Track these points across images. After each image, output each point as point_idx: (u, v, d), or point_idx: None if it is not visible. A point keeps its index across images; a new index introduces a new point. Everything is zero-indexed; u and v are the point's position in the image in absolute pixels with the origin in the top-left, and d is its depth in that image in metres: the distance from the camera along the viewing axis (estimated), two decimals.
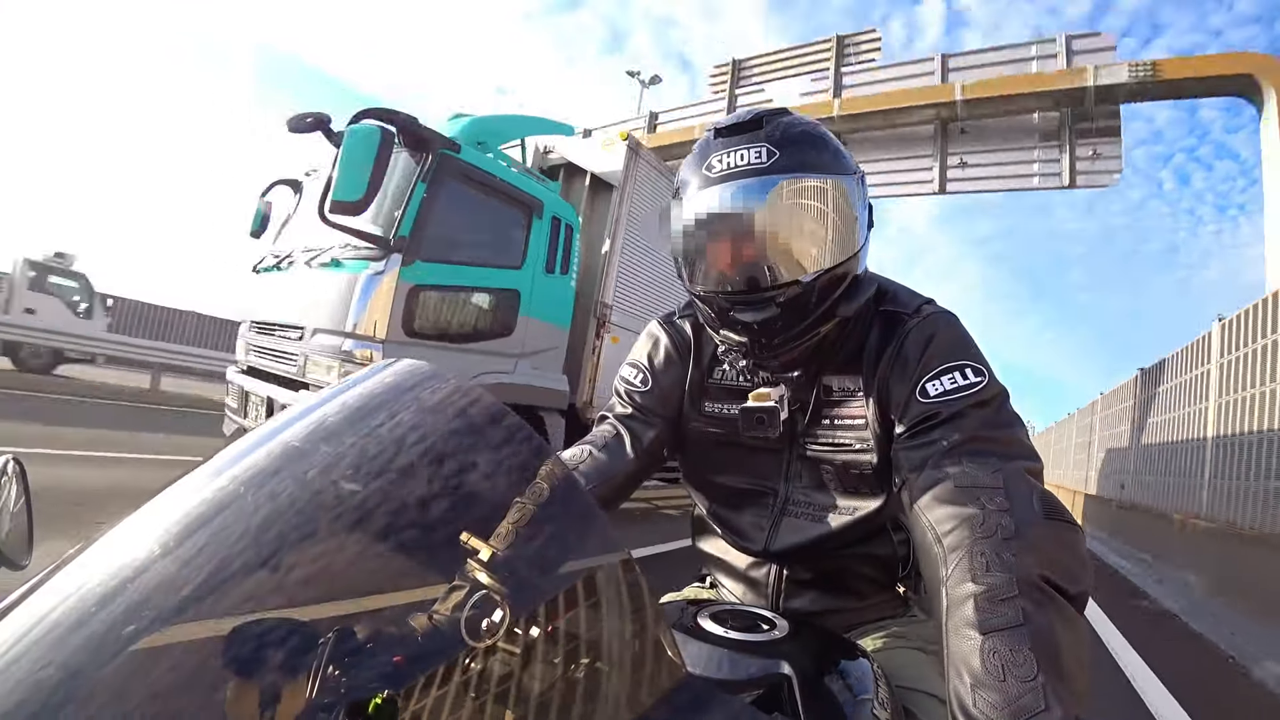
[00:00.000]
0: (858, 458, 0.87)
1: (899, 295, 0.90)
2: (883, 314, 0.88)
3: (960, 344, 0.82)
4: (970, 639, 0.56)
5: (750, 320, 0.81)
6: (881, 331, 0.87)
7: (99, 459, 5.30)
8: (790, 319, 0.81)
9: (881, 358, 0.85)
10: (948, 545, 0.65)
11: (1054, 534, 0.64)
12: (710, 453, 0.99)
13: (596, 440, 0.97)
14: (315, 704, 0.40)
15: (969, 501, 0.67)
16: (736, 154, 0.78)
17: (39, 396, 8.54)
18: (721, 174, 0.79)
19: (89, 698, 0.36)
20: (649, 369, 1.02)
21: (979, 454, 0.71)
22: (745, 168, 0.78)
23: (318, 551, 0.47)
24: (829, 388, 0.89)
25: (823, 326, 0.84)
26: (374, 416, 0.55)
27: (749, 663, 0.63)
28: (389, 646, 0.49)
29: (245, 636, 0.40)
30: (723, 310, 0.83)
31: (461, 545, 0.53)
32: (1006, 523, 0.63)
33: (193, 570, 0.42)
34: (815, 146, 0.80)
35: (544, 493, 0.61)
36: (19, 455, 0.78)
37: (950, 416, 0.76)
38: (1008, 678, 0.52)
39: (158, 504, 0.50)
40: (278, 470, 0.51)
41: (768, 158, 0.77)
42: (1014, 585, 0.58)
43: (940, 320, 0.85)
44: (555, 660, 0.49)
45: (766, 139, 0.78)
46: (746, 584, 0.99)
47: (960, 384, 0.77)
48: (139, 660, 0.38)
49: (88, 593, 0.41)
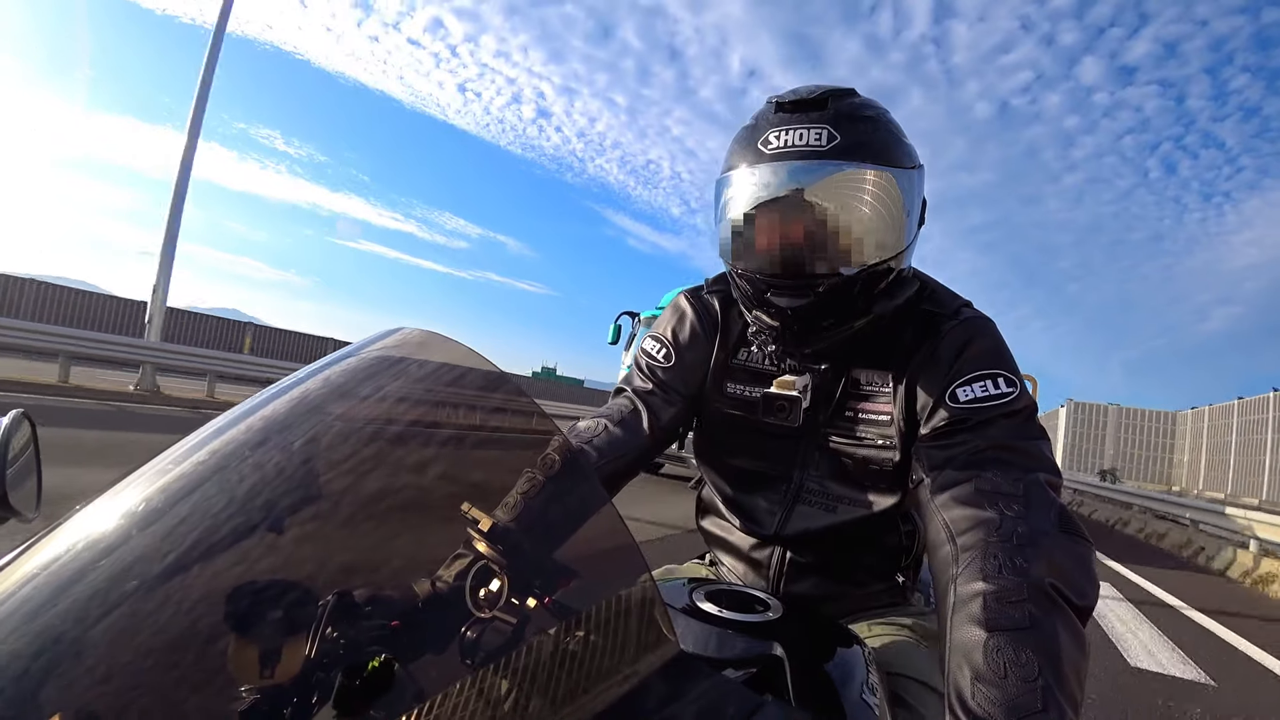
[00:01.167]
0: (879, 454, 0.85)
1: (938, 295, 0.88)
2: (919, 312, 0.86)
3: (995, 352, 0.80)
4: (975, 635, 0.56)
5: (786, 305, 0.79)
6: (916, 330, 0.85)
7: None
8: (827, 310, 0.79)
9: (914, 356, 0.83)
10: (961, 544, 0.65)
11: (1067, 547, 0.64)
12: (728, 434, 0.97)
13: (613, 414, 0.94)
14: (313, 663, 0.41)
15: (988, 505, 0.67)
16: (795, 133, 0.75)
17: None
18: (776, 151, 0.76)
19: (92, 647, 0.37)
20: (673, 343, 0.99)
21: (1002, 463, 0.71)
22: (803, 148, 0.74)
23: (319, 515, 0.47)
24: (857, 380, 0.88)
25: (858, 321, 0.82)
26: (377, 382, 0.55)
27: (742, 643, 0.64)
28: (388, 611, 0.49)
29: (246, 595, 0.41)
30: (759, 291, 0.81)
31: (464, 515, 0.54)
32: (1022, 530, 0.63)
33: (196, 527, 0.43)
34: (879, 134, 0.77)
35: (554, 464, 0.61)
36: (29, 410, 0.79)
37: (978, 424, 0.75)
38: (1009, 676, 0.52)
39: (166, 460, 0.50)
40: (285, 429, 0.51)
41: (828, 141, 0.74)
42: (1024, 589, 0.58)
43: (977, 325, 0.83)
44: (550, 631, 0.49)
45: (828, 120, 0.75)
46: (749, 565, 0.99)
47: (992, 393, 0.76)
48: (142, 613, 0.39)
49: (93, 547, 0.42)
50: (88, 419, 7.07)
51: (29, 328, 10.13)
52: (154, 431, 6.75)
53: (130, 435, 6.48)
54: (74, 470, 3.37)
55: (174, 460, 0.49)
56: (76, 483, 1.65)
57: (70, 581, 0.40)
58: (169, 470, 0.48)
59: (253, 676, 0.38)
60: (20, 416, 0.77)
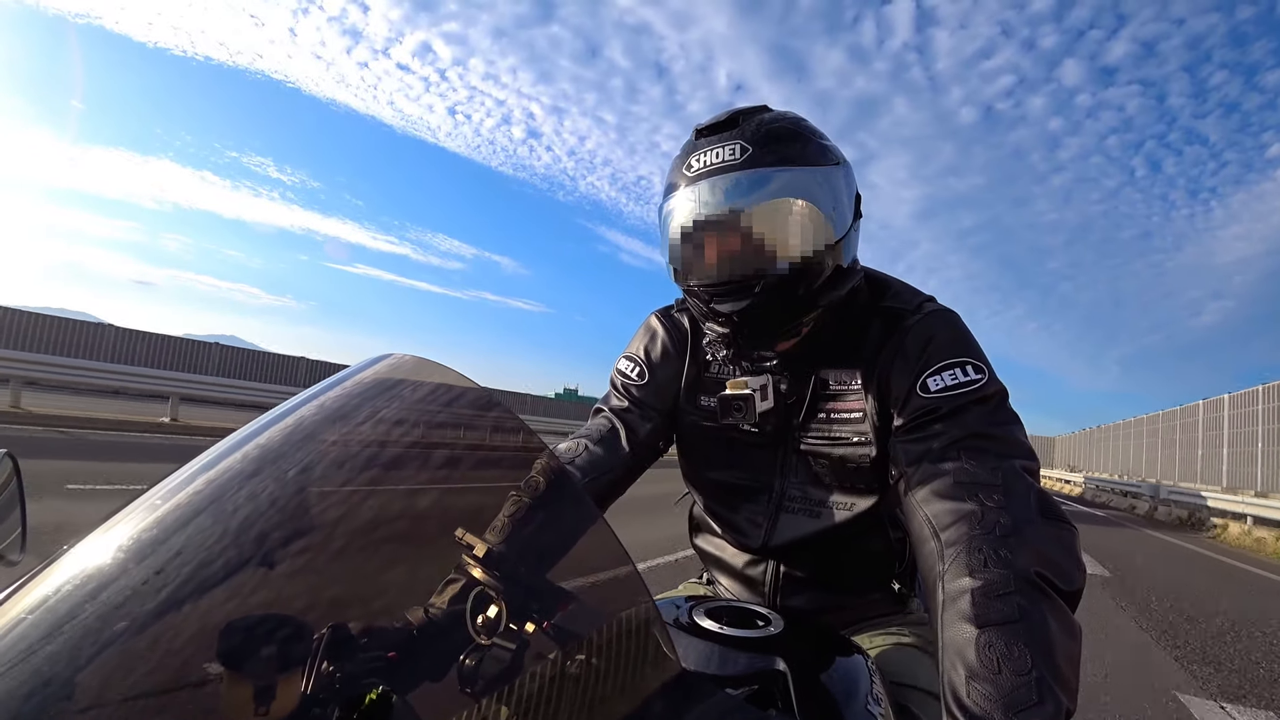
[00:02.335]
0: (855, 450, 0.86)
1: (900, 292, 0.90)
2: (883, 309, 0.88)
3: (961, 341, 0.83)
4: (966, 632, 0.56)
5: (729, 310, 0.82)
6: (882, 327, 0.87)
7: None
8: (770, 309, 0.81)
9: (881, 352, 0.85)
10: (945, 540, 0.66)
11: (1050, 533, 0.65)
12: (706, 448, 0.99)
13: (592, 434, 0.97)
14: (310, 699, 0.40)
15: (968, 497, 0.67)
16: (712, 152, 0.80)
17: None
18: (698, 173, 0.80)
19: (85, 688, 0.36)
20: (645, 362, 1.02)
21: (978, 451, 0.72)
22: (719, 165, 0.79)
23: (313, 546, 0.47)
24: (825, 381, 0.89)
25: (805, 315, 0.84)
26: (367, 408, 0.55)
27: (744, 659, 0.63)
28: (385, 642, 0.49)
29: (239, 631, 0.40)
30: (705, 301, 0.84)
31: (457, 540, 0.53)
32: (1004, 520, 0.64)
33: (186, 564, 0.42)
34: (792, 140, 0.81)
35: (539, 486, 0.61)
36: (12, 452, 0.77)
37: (950, 412, 0.76)
38: (1003, 670, 0.52)
39: (159, 493, 0.49)
40: (273, 462, 0.50)
41: (741, 154, 0.78)
42: (1011, 581, 0.58)
43: (941, 317, 0.85)
44: (551, 656, 0.49)
45: (740, 136, 0.80)
46: (743, 581, 0.99)
47: (961, 380, 0.77)
48: (135, 651, 0.38)
49: (85, 584, 0.41)
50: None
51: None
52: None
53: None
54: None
55: (168, 493, 0.48)
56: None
57: (63, 620, 0.39)
58: (161, 504, 0.47)
59: (248, 714, 0.37)
60: (4, 458, 0.76)
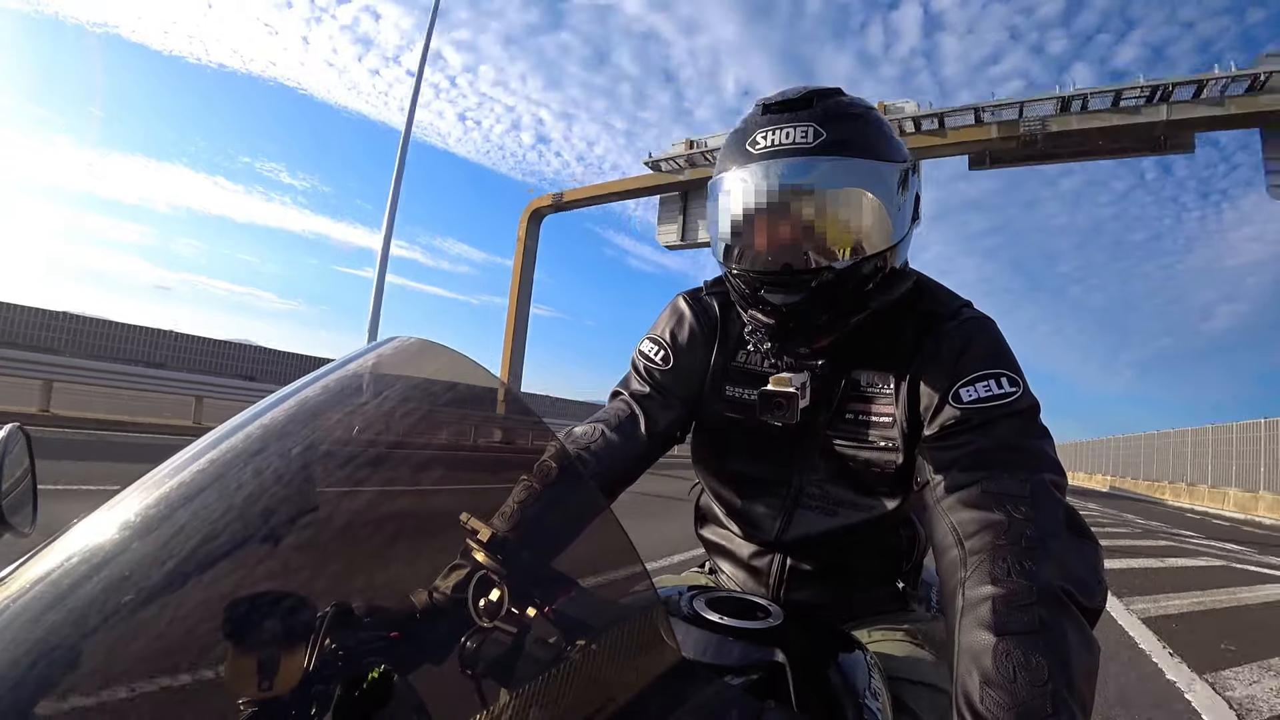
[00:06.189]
0: (882, 456, 0.85)
1: (938, 295, 0.88)
2: (919, 313, 0.86)
3: (997, 351, 0.80)
4: (984, 639, 0.56)
5: (779, 302, 0.79)
6: (917, 330, 0.85)
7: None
8: (820, 305, 0.79)
9: (915, 357, 0.83)
10: (970, 548, 0.65)
11: (1075, 548, 0.64)
12: (726, 438, 0.96)
13: (609, 419, 0.93)
14: (313, 675, 0.40)
15: (995, 508, 0.66)
16: (782, 132, 0.76)
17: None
18: (764, 151, 0.76)
19: (89, 658, 0.36)
20: (671, 346, 0.97)
21: (1008, 463, 0.70)
22: (789, 146, 0.75)
23: (317, 524, 0.47)
24: (856, 382, 0.87)
25: (853, 316, 0.82)
26: (374, 390, 0.55)
27: (744, 649, 0.63)
28: (388, 622, 0.49)
29: (244, 606, 0.40)
30: (754, 289, 0.81)
31: (462, 524, 0.53)
32: (1030, 532, 0.62)
33: (194, 536, 0.43)
34: (866, 130, 0.77)
35: (551, 472, 0.61)
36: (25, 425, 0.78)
37: (982, 424, 0.74)
38: (1019, 679, 0.52)
39: (165, 471, 0.49)
40: (283, 438, 0.51)
41: (814, 138, 0.74)
42: (1033, 593, 0.58)
43: (978, 325, 0.83)
44: (551, 640, 0.49)
45: (814, 118, 0.75)
46: (749, 572, 0.98)
47: (995, 392, 0.75)
48: (139, 624, 0.39)
49: (91, 558, 0.42)
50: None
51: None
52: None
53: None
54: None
55: (173, 470, 0.49)
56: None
57: (67, 593, 0.39)
58: (167, 481, 0.48)
59: (251, 688, 0.37)
60: (16, 431, 0.76)
